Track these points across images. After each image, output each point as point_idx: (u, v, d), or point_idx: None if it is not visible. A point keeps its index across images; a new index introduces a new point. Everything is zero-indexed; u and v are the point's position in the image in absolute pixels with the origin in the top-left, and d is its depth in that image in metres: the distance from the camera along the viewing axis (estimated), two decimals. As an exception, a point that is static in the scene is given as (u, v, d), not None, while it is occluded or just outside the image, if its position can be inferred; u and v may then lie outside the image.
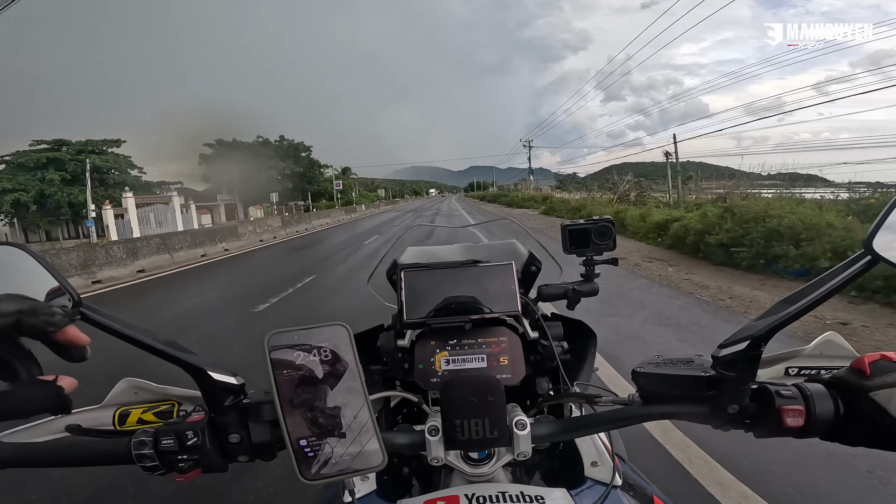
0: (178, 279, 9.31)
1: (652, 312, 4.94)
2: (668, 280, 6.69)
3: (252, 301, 6.26)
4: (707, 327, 4.43)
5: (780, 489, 1.92)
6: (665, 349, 3.72)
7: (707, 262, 7.80)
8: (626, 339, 4.03)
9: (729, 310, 5.06)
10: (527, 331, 0.77)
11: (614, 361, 3.40)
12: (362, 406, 0.47)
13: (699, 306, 5.25)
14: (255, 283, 8.25)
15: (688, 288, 6.11)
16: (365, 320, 0.86)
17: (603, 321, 4.43)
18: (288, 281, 7.65)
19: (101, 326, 0.47)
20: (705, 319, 4.72)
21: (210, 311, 6.17)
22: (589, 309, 4.63)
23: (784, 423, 0.49)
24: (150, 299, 7.44)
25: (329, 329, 0.47)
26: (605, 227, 0.83)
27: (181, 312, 6.22)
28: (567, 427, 0.59)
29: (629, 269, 7.48)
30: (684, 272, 7.20)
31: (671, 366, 0.55)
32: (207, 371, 0.50)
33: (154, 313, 6.24)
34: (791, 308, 0.47)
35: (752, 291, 5.73)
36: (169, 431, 0.51)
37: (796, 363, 0.60)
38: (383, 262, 0.91)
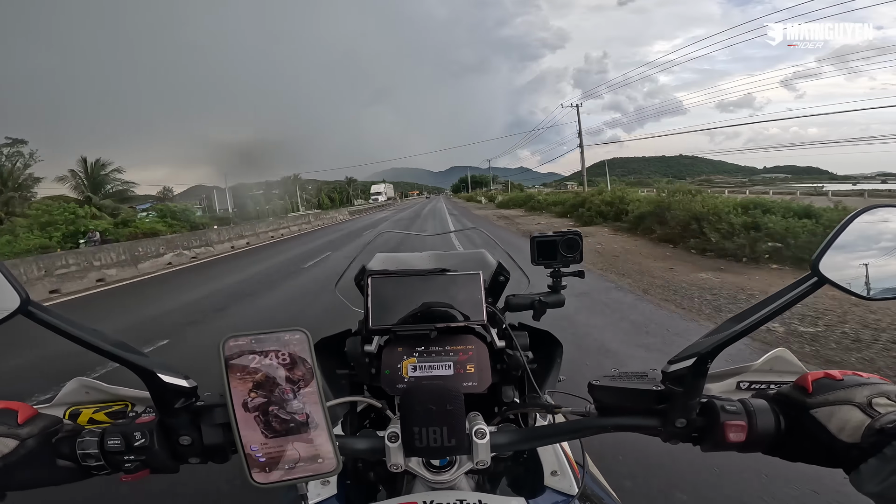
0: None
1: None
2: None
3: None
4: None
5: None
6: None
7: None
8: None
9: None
10: (494, 340, 0.77)
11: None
12: (318, 411, 0.47)
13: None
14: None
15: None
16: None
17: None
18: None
19: (47, 325, 0.45)
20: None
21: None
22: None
23: (727, 437, 0.51)
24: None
25: (288, 334, 0.47)
26: (573, 239, 0.85)
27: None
28: (526, 436, 0.60)
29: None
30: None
31: (625, 379, 0.57)
32: (157, 373, 0.49)
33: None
34: (738, 326, 0.49)
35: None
36: (116, 432, 0.50)
37: (747, 377, 0.62)
38: (351, 268, 0.90)
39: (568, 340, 4.57)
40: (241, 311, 6.33)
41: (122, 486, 2.04)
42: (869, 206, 0.48)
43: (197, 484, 2.20)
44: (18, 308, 0.44)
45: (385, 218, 32.90)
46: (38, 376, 3.93)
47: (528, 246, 0.84)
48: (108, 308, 7.81)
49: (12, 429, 0.48)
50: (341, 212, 42.29)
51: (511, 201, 38.07)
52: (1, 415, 0.48)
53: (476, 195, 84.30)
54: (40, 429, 0.50)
